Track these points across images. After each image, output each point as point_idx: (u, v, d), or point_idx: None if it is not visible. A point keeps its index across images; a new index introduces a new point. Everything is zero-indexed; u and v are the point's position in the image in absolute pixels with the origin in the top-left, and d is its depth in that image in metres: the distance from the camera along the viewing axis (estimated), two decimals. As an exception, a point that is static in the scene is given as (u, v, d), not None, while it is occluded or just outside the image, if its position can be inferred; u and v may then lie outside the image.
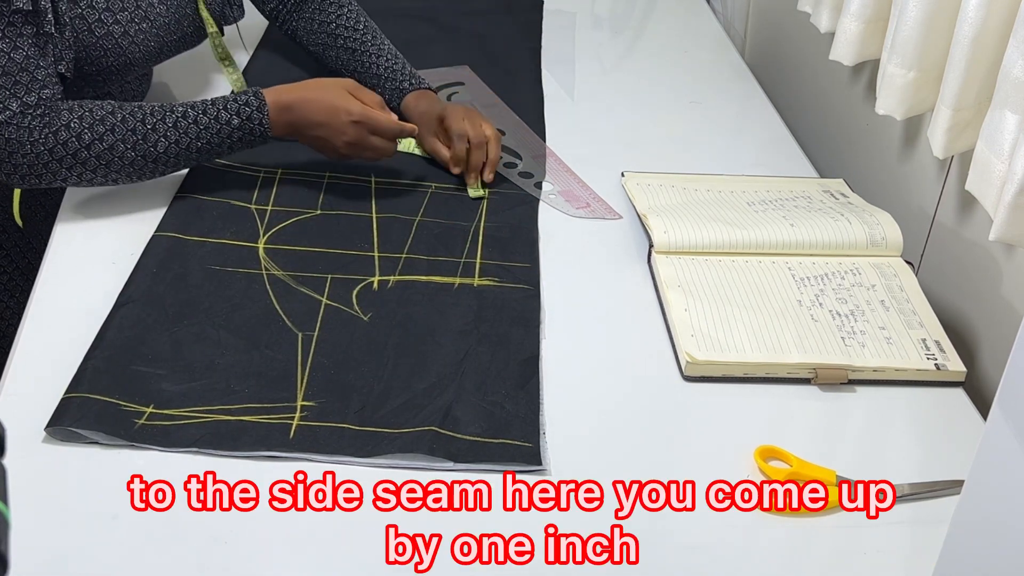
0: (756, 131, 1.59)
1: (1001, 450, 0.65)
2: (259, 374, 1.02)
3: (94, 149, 1.17)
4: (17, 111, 1.14)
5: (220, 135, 1.23)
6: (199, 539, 0.86)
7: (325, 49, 1.52)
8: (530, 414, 0.99)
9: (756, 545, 0.90)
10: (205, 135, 1.22)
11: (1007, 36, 1.05)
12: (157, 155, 1.20)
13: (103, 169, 1.19)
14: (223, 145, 1.24)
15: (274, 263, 1.17)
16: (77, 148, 1.17)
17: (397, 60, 1.48)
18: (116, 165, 1.19)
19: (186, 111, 1.22)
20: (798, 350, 1.09)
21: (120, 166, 1.19)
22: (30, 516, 0.86)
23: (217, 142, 1.23)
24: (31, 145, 1.15)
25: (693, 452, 0.99)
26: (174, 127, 1.21)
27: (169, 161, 1.22)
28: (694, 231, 1.24)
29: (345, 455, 0.94)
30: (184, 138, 1.21)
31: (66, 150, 1.16)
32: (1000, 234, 1.02)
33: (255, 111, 1.24)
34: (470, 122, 1.35)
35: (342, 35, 1.50)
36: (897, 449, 1.01)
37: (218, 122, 1.22)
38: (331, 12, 1.51)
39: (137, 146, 1.19)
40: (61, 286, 1.13)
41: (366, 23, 1.51)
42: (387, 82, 1.45)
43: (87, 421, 0.94)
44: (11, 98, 1.14)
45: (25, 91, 1.15)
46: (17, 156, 1.16)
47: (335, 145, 1.27)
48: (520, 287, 1.17)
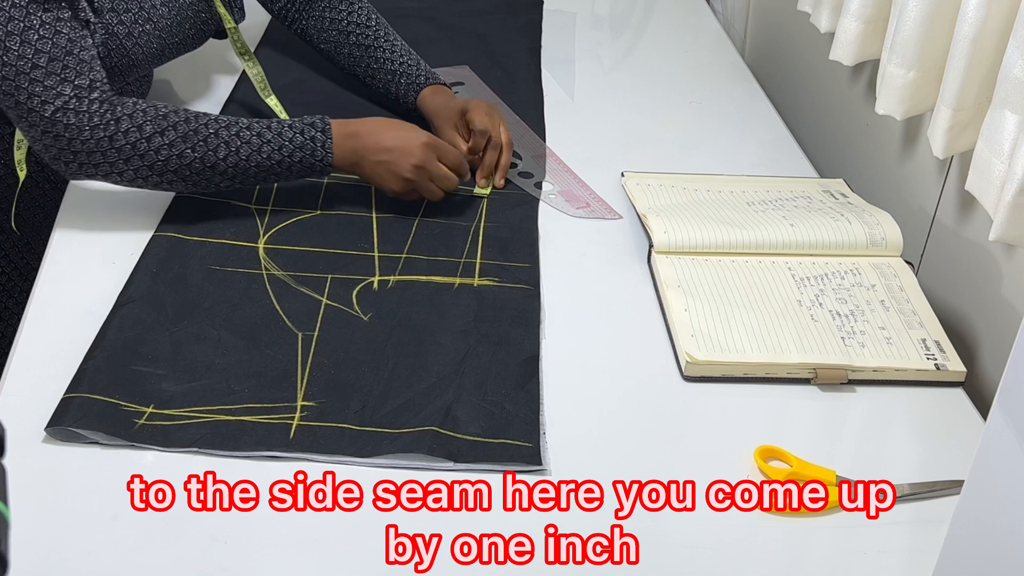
0: (756, 131, 1.59)
1: (1001, 450, 0.65)
2: (259, 374, 1.02)
3: (154, 143, 1.15)
4: (71, 95, 1.12)
5: (282, 152, 1.20)
6: (199, 539, 0.86)
7: (337, 47, 1.51)
8: (530, 414, 0.99)
9: (756, 545, 0.90)
10: (266, 149, 1.19)
11: (1007, 36, 1.05)
12: (216, 161, 1.18)
13: (160, 166, 1.16)
14: (283, 164, 1.21)
15: (274, 263, 1.17)
16: (137, 139, 1.14)
17: (411, 55, 1.48)
18: (174, 164, 1.17)
19: (250, 123, 1.20)
20: (798, 350, 1.09)
21: (178, 166, 1.17)
22: (30, 516, 0.86)
23: (277, 159, 1.20)
24: (91, 131, 1.13)
25: (693, 452, 0.99)
26: (237, 136, 1.18)
27: (227, 172, 1.19)
28: (694, 231, 1.24)
29: (345, 455, 0.94)
30: (245, 148, 1.19)
31: (126, 139, 1.14)
32: (1000, 234, 1.02)
33: (319, 132, 1.22)
34: (492, 121, 1.36)
35: (354, 32, 1.49)
36: (897, 449, 1.01)
37: (281, 138, 1.20)
38: (342, 9, 1.50)
39: (197, 147, 1.17)
40: (61, 286, 1.13)
41: (377, 19, 1.50)
42: (402, 77, 1.45)
43: (87, 421, 0.94)
44: (63, 83, 1.12)
45: (75, 74, 1.12)
46: (76, 143, 1.13)
47: (400, 170, 1.24)
48: (520, 287, 1.17)
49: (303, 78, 1.57)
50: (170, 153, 1.16)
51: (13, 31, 1.11)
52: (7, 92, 1.13)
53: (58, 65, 1.12)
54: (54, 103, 1.12)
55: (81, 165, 1.15)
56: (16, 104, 1.13)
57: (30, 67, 1.11)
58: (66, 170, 1.17)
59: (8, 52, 1.11)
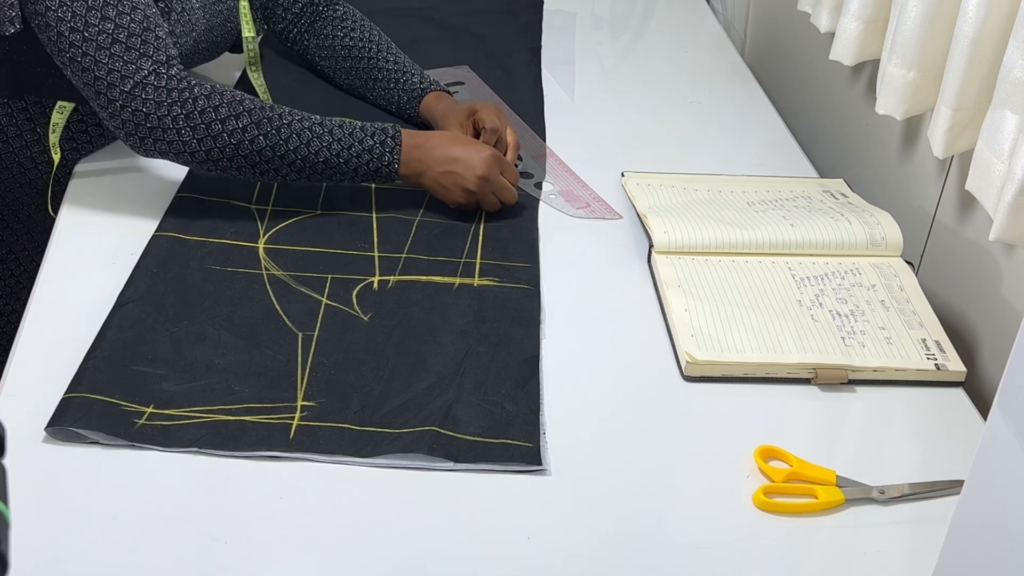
0: (756, 131, 1.59)
1: (1001, 450, 0.65)
2: (259, 374, 1.02)
3: (228, 125, 1.16)
4: (151, 70, 1.13)
5: (350, 151, 1.21)
6: (199, 539, 0.86)
7: (338, 63, 1.52)
8: (530, 414, 0.99)
9: (756, 545, 0.90)
10: (336, 147, 1.20)
11: (1007, 36, 1.05)
12: (286, 151, 1.18)
13: (231, 150, 1.17)
14: (350, 164, 1.22)
15: (274, 263, 1.17)
16: (212, 119, 1.15)
17: (412, 65, 1.49)
18: (245, 149, 1.17)
19: (323, 120, 1.21)
20: (798, 350, 1.09)
21: (249, 151, 1.17)
22: (30, 516, 0.86)
23: (345, 159, 1.21)
24: (168, 107, 1.14)
25: (693, 452, 0.99)
26: (308, 129, 1.20)
27: (295, 163, 1.20)
28: (694, 231, 1.24)
29: (345, 455, 0.94)
30: (315, 143, 1.20)
31: (202, 119, 1.15)
32: (1000, 234, 1.02)
33: (389, 138, 1.23)
34: (500, 122, 1.38)
35: (356, 46, 1.50)
36: (897, 449, 1.01)
37: (351, 138, 1.21)
38: (345, 27, 1.52)
39: (270, 135, 1.17)
40: (61, 286, 1.13)
41: (379, 36, 1.52)
42: (404, 85, 1.47)
43: (87, 421, 0.94)
44: (142, 58, 1.12)
45: (154, 50, 1.13)
46: (153, 118, 1.14)
47: (465, 182, 1.25)
48: (520, 287, 1.17)
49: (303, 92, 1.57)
50: (243, 137, 1.17)
51: (93, 6, 1.12)
52: (86, 68, 1.13)
53: (137, 40, 1.13)
54: (133, 78, 1.13)
55: (156, 142, 1.16)
56: (95, 79, 1.14)
57: (110, 42, 1.12)
58: (140, 146, 1.17)
59: (89, 27, 1.12)
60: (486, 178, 1.26)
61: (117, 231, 1.22)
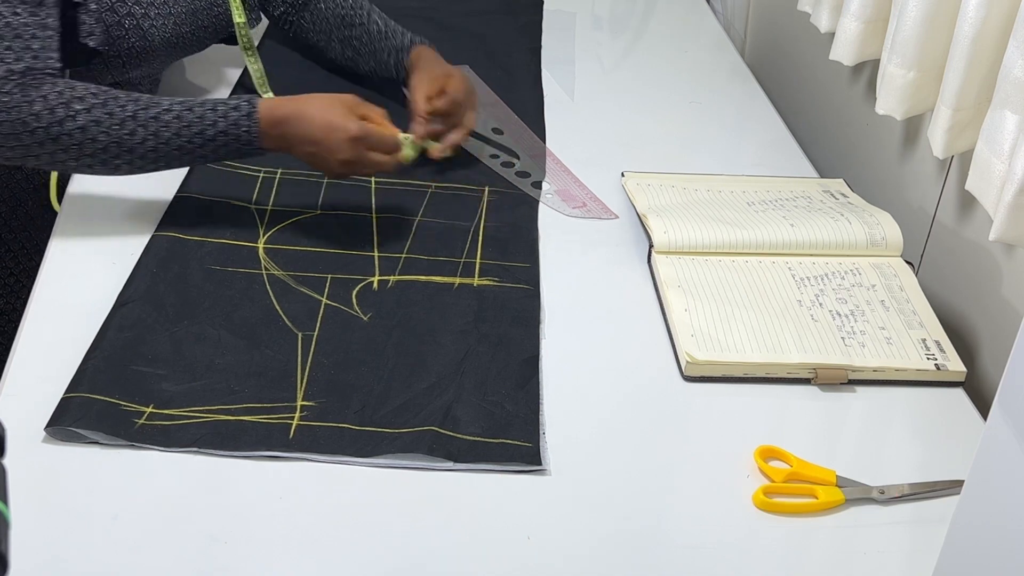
0: (756, 131, 1.59)
1: (1001, 450, 0.65)
2: (259, 374, 1.02)
3: (67, 126, 1.12)
4: (1, 75, 1.11)
5: (203, 136, 1.16)
6: (199, 539, 0.86)
7: (329, 36, 1.53)
8: (530, 414, 0.99)
9: (756, 545, 0.90)
10: (186, 133, 1.16)
11: (1007, 36, 1.05)
12: (133, 145, 1.15)
13: (76, 150, 1.13)
14: (206, 148, 1.17)
15: (274, 263, 1.17)
16: (50, 122, 1.12)
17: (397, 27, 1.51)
18: (88, 148, 1.13)
19: (171, 106, 1.16)
20: (798, 350, 1.09)
21: (93, 150, 1.14)
22: (30, 516, 0.86)
23: (199, 143, 1.17)
24: (6, 113, 1.11)
25: (693, 452, 0.99)
26: (155, 119, 1.15)
27: (146, 155, 1.16)
28: (694, 231, 1.24)
29: (345, 455, 0.94)
30: (164, 132, 1.15)
31: (38, 123, 1.11)
32: (1000, 234, 1.02)
33: (243, 117, 1.17)
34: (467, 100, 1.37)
35: (347, 14, 1.51)
36: (897, 449, 1.01)
37: (202, 122, 1.16)
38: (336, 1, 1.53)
39: (112, 131, 1.13)
40: (61, 286, 1.13)
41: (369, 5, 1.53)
42: (391, 43, 1.47)
43: (87, 421, 0.94)
44: None
45: (14, 58, 1.11)
46: None
47: (329, 164, 1.21)
48: (520, 287, 1.17)
49: (303, 80, 1.57)
50: (84, 137, 1.13)
51: None
52: None
53: (2, 44, 1.11)
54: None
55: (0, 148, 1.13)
56: None
57: None
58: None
59: None
60: (351, 161, 1.20)
61: (117, 231, 1.22)
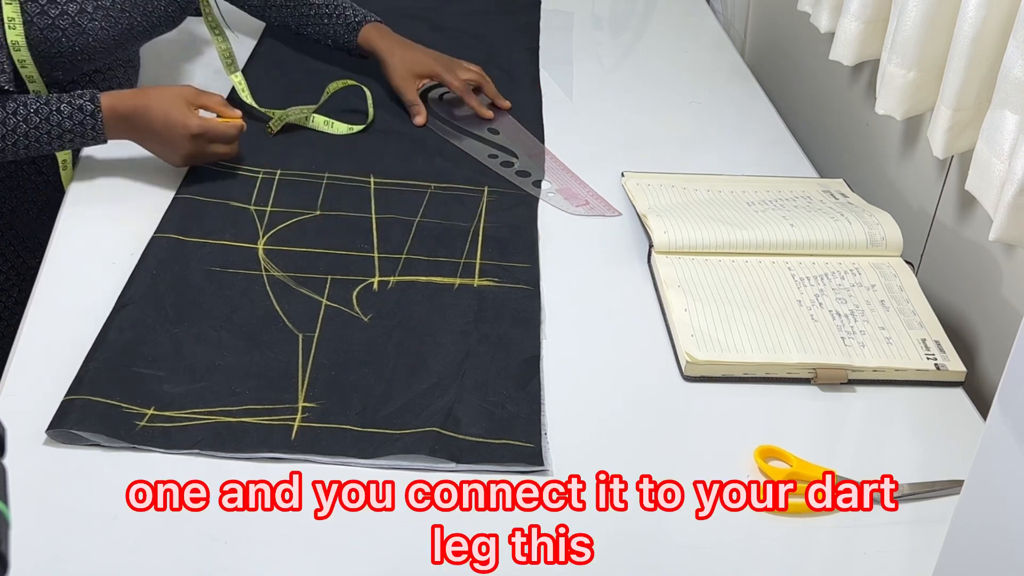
0: (756, 131, 1.59)
1: (1001, 450, 0.65)
2: (260, 375, 1.02)
3: None
4: None
5: (51, 135, 1.22)
6: (199, 539, 0.86)
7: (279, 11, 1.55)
8: (531, 414, 0.99)
9: (756, 545, 0.90)
10: (34, 134, 1.22)
11: (1007, 36, 1.05)
12: None
13: None
14: (55, 143, 1.23)
15: (274, 264, 1.17)
16: None
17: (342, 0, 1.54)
18: None
19: (17, 108, 1.21)
20: (798, 350, 1.09)
21: None
22: (30, 516, 0.86)
23: (47, 140, 1.23)
24: None
25: (693, 452, 0.99)
26: (2, 123, 1.20)
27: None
28: (694, 231, 1.24)
29: (347, 456, 0.94)
30: (12, 135, 1.21)
31: None
32: (1000, 234, 1.02)
33: (88, 116, 1.23)
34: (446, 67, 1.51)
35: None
36: (897, 449, 1.01)
37: (49, 123, 1.22)
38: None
39: None
40: (61, 286, 1.13)
41: None
42: (338, 17, 1.51)
43: (89, 423, 0.94)
44: None
45: None
46: None
47: (173, 158, 1.28)
48: (520, 287, 1.17)
49: (301, 75, 1.57)
50: None
51: None
52: None
53: None
54: None
55: None
56: None
57: None
58: None
59: None
60: (192, 156, 1.27)
61: (117, 231, 1.22)
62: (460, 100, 1.52)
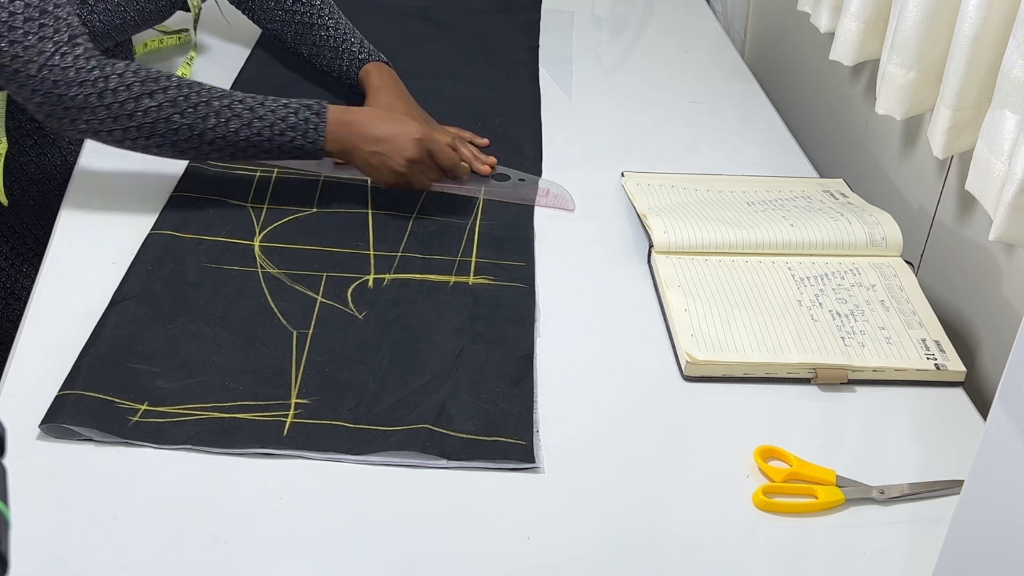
0: (756, 131, 1.59)
1: (1001, 450, 0.65)
2: (254, 372, 1.01)
3: (142, 104, 1.14)
4: (53, 51, 1.11)
5: (272, 129, 1.19)
6: (199, 539, 0.86)
7: (283, 26, 1.52)
8: (524, 412, 0.99)
9: (756, 545, 0.90)
10: (257, 124, 1.18)
11: (1007, 36, 1.05)
12: (204, 130, 1.16)
13: (148, 129, 1.15)
14: (274, 142, 1.20)
15: (269, 261, 1.17)
16: (126, 99, 1.14)
17: (354, 33, 1.50)
18: (162, 128, 1.15)
19: (244, 98, 1.19)
20: (798, 350, 1.08)
21: (166, 131, 1.16)
22: (29, 516, 0.85)
23: (268, 136, 1.19)
24: (79, 87, 1.12)
25: (693, 452, 0.99)
26: (228, 107, 1.17)
27: (215, 143, 1.18)
28: (694, 231, 1.23)
29: (339, 452, 0.94)
30: (235, 121, 1.17)
31: (115, 98, 1.13)
32: (1000, 234, 1.02)
33: (313, 114, 1.20)
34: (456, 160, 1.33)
35: (299, 11, 1.50)
36: (897, 449, 1.01)
37: (274, 115, 1.19)
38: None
39: (186, 114, 1.16)
40: (61, 286, 1.13)
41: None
42: (345, 50, 1.47)
43: (82, 418, 0.93)
44: (42, 40, 1.11)
45: (54, 31, 1.11)
46: (66, 99, 1.12)
47: (393, 162, 1.23)
48: (515, 285, 1.17)
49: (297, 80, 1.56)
50: (158, 116, 1.15)
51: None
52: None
53: (35, 24, 1.10)
54: (38, 60, 1.11)
55: (73, 121, 1.14)
56: (2, 67, 1.12)
57: (7, 28, 1.10)
58: (60, 127, 1.16)
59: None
60: (415, 160, 1.23)
61: (117, 231, 1.21)
62: None
